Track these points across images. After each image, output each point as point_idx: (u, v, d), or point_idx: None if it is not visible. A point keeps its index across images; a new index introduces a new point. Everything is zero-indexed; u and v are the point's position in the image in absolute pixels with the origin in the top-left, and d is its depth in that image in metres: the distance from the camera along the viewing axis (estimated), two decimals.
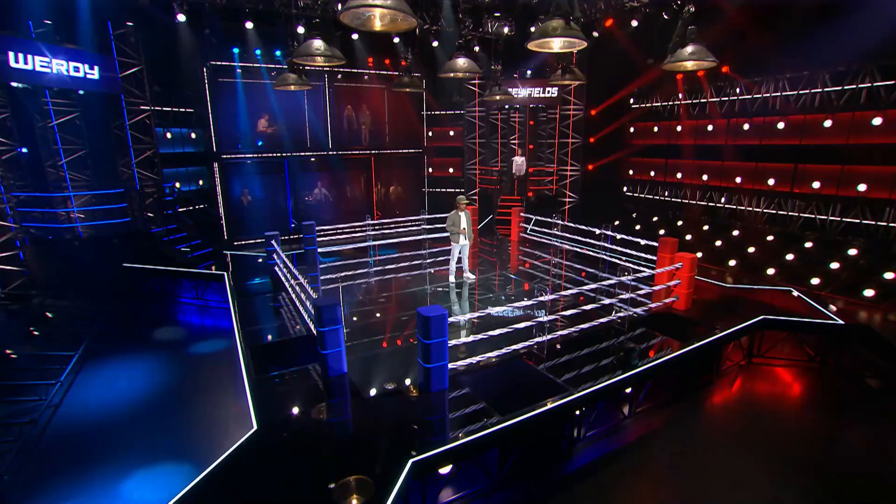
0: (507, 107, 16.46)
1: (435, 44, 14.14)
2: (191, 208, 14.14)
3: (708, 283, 9.73)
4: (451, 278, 10.09)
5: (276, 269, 9.92)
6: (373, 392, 6.08)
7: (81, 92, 11.50)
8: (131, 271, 10.37)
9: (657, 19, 11.58)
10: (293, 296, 8.45)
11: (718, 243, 12.71)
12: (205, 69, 13.60)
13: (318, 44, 7.32)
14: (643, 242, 9.74)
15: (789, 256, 11.37)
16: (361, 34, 13.63)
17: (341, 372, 6.31)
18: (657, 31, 12.03)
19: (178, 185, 13.75)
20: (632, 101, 15.26)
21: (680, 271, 8.13)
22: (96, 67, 11.40)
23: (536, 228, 13.13)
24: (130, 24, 11.92)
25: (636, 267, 9.19)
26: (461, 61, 8.64)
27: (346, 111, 16.28)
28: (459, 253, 9.97)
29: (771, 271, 11.20)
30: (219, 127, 14.22)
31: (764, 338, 7.93)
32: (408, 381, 6.29)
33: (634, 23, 11.99)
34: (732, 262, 11.80)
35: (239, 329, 7.54)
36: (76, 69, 11.05)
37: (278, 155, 15.02)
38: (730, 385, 7.52)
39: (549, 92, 15.74)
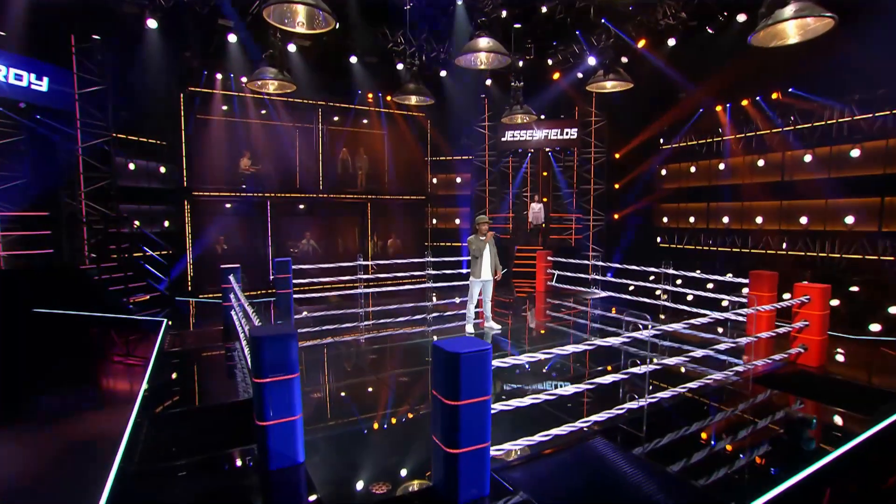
0: (520, 150, 14.58)
1: (443, 73, 12.48)
2: (155, 253, 11.60)
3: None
4: (469, 328, 7.35)
5: (232, 313, 7.19)
6: (348, 501, 3.21)
7: (23, 105, 9.41)
8: (39, 315, 7.60)
9: (700, 35, 9.91)
10: (243, 342, 5.69)
11: (787, 297, 10.13)
12: (181, 96, 11.72)
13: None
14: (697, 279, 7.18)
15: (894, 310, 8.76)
16: (361, 61, 11.96)
17: (293, 462, 3.46)
18: (697, 51, 10.36)
19: (137, 223, 11.31)
20: (661, 140, 13.39)
21: (807, 308, 5.50)
22: (45, 79, 9.41)
23: (568, 273, 10.59)
24: (97, 37, 10.14)
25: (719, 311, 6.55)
26: (483, 41, 6.60)
27: (342, 154, 14.32)
28: (480, 294, 7.32)
29: (875, 327, 8.53)
30: (193, 161, 12.09)
31: None
32: (413, 482, 3.43)
33: (672, 41, 10.33)
34: None
35: (145, 392, 4.72)
36: (18, 77, 9.04)
37: (260, 195, 12.76)
38: None
39: (567, 133, 13.94)
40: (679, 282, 9.07)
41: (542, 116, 14.50)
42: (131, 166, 11.36)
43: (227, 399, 4.83)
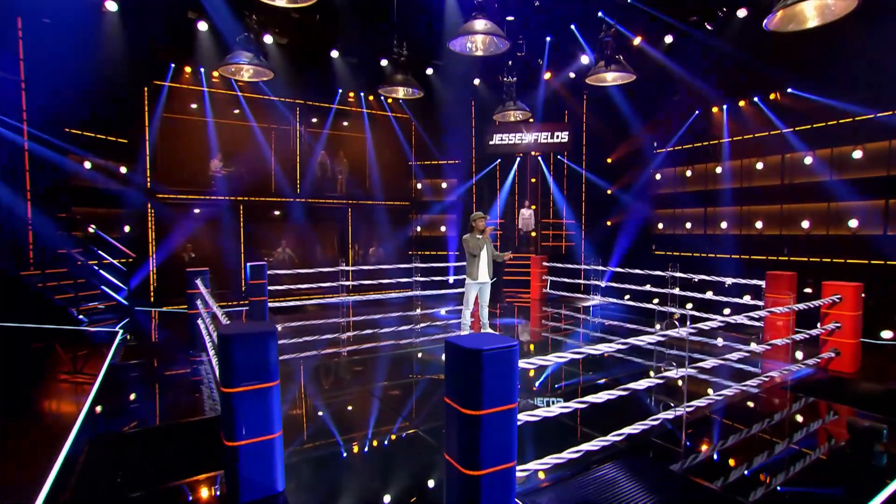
0: (508, 154, 14.27)
1: (429, 71, 12.13)
2: (116, 261, 10.75)
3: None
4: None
5: (199, 321, 6.52)
6: None
7: None
8: None
9: (698, 32, 9.78)
10: (211, 352, 5.05)
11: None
12: (145, 90, 11.05)
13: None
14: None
15: None
16: (344, 57, 11.52)
17: (271, 491, 2.87)
18: (695, 49, 10.24)
19: (92, 228, 10.50)
20: (655, 143, 13.25)
21: (838, 308, 5.16)
22: None
23: (566, 280, 10.19)
24: (48, 20, 9.43)
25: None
26: (480, 23, 6.22)
27: (321, 157, 13.75)
28: (477, 298, 6.82)
29: (887, 334, 8.33)
30: (157, 162, 11.38)
31: None
32: None
33: (669, 38, 10.19)
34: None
35: (88, 411, 4.06)
36: None
37: (233, 199, 12.07)
38: None
39: (558, 136, 13.71)
40: (677, 290, 8.78)
41: (531, 119, 14.26)
42: (87, 165, 10.58)
43: (188, 417, 4.19)
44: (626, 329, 7.92)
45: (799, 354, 6.24)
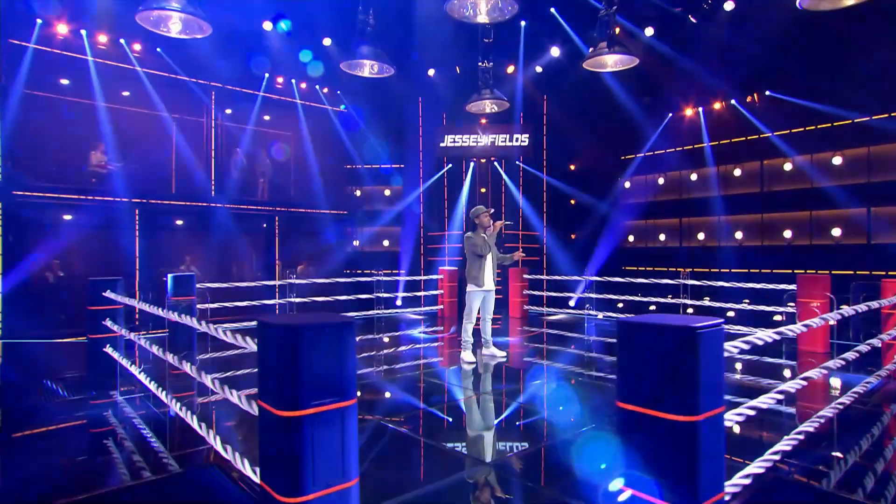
0: (461, 158, 14.01)
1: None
2: None
3: None
4: (466, 356, 6.20)
5: (109, 349, 5.26)
6: None
7: None
8: None
9: (682, 25, 10.26)
10: (145, 380, 3.99)
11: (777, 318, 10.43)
12: None
13: None
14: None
15: None
16: None
17: None
18: (674, 45, 10.74)
19: None
20: (625, 149, 13.68)
21: None
22: None
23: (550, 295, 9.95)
24: None
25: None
26: None
27: (239, 153, 12.57)
28: (479, 310, 6.27)
29: None
30: (13, 149, 9.61)
31: None
32: None
33: (650, 31, 10.59)
34: None
35: None
36: None
37: (124, 201, 10.51)
38: None
39: (517, 140, 13.70)
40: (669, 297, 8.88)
41: (485, 121, 14.14)
42: None
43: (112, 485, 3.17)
44: None
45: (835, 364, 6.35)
